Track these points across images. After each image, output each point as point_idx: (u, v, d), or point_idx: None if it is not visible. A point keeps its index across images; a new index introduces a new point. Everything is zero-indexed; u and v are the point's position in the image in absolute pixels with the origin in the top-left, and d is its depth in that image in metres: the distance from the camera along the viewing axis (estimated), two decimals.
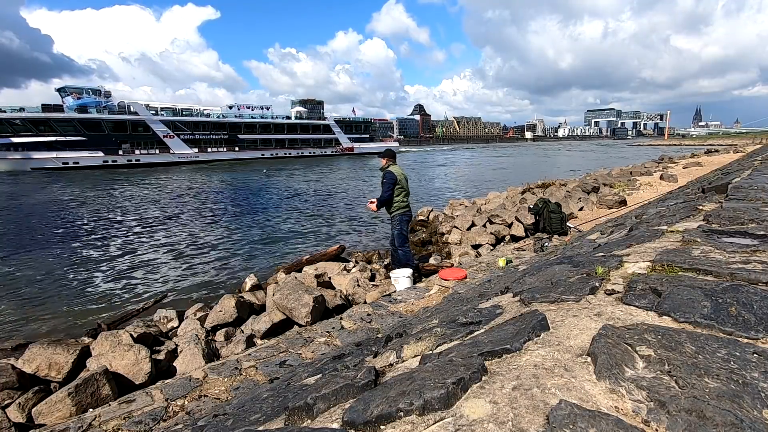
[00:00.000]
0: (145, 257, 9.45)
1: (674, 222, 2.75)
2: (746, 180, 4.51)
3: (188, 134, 53.29)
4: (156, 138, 50.15)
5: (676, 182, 12.35)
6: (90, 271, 8.37)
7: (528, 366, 1.04)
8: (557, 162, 46.86)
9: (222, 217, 14.77)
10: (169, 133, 51.31)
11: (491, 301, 2.01)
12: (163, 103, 55.44)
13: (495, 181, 25.98)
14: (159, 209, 16.85)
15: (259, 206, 17.35)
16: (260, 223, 13.63)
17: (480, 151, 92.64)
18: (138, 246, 10.56)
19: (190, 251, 9.91)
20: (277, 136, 63.45)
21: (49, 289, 7.27)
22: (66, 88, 47.74)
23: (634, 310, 1.34)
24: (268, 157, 59.99)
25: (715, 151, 29.74)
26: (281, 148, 63.50)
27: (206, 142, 55.12)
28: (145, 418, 2.49)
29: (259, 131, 61.44)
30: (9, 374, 3.08)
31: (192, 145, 53.27)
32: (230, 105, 62.40)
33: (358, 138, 74.06)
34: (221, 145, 56.63)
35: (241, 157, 56.99)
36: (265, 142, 61.96)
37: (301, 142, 66.38)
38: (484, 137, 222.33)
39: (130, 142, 47.85)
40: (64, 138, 42.95)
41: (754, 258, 1.69)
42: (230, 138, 57.66)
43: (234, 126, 58.61)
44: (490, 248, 7.46)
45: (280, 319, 4.40)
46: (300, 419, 1.14)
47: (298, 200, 18.97)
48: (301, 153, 65.46)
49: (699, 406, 0.80)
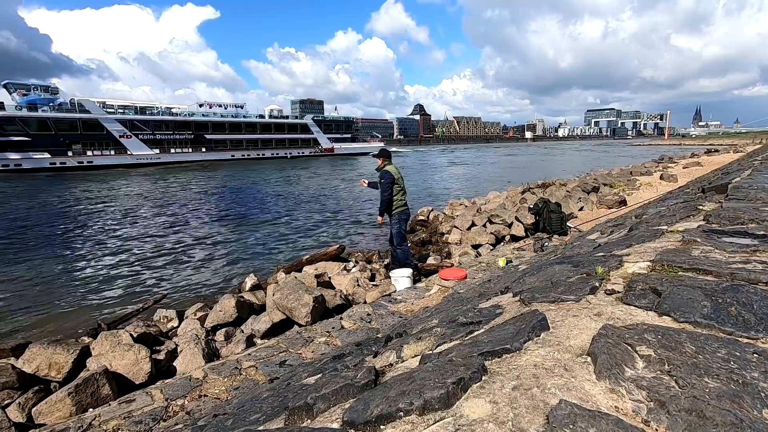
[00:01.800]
0: (145, 257, 9.45)
1: (674, 222, 2.75)
2: (746, 180, 4.51)
3: (148, 134, 49.53)
4: (111, 138, 46.43)
5: (676, 182, 12.35)
6: (90, 272, 8.37)
7: (528, 366, 1.04)
8: (557, 162, 46.86)
9: (222, 218, 14.77)
10: (126, 133, 47.54)
11: (491, 301, 2.01)
12: (121, 101, 52.06)
13: (495, 181, 25.98)
14: (159, 210, 16.85)
15: (258, 207, 17.36)
16: (260, 223, 13.63)
17: (477, 151, 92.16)
18: (138, 246, 10.56)
19: (190, 251, 9.92)
20: (249, 136, 59.65)
21: (49, 290, 7.27)
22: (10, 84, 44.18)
23: (634, 310, 1.34)
24: (239, 158, 56.57)
25: (715, 151, 29.74)
26: (254, 149, 59.66)
27: (169, 142, 51.41)
28: (145, 417, 2.49)
29: (228, 131, 57.61)
30: (9, 374, 3.08)
31: (153, 146, 49.70)
32: (200, 103, 58.75)
33: (339, 138, 69.83)
34: (186, 145, 53.02)
35: (209, 159, 53.49)
36: (235, 143, 58.20)
37: (275, 143, 62.44)
38: (484, 137, 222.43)
39: (82, 143, 44.21)
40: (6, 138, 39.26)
41: (754, 258, 1.69)
42: (196, 138, 54.06)
43: (200, 125, 54.88)
44: (490, 248, 7.46)
45: (280, 318, 4.40)
46: (300, 419, 1.14)
47: (298, 200, 18.97)
48: (276, 154, 61.49)
49: (699, 406, 0.80)
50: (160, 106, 54.40)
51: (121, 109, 50.01)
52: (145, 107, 52.69)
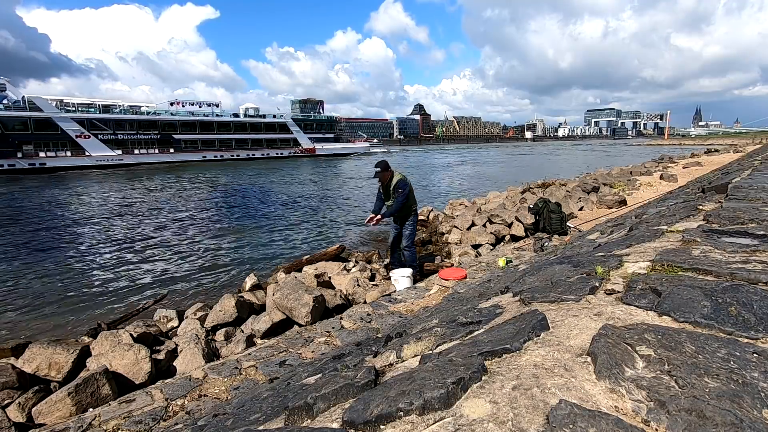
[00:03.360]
0: (145, 258, 9.45)
1: (674, 222, 2.75)
2: (746, 180, 4.50)
3: (109, 134, 46.71)
4: (67, 138, 43.58)
5: (676, 182, 12.35)
6: (90, 272, 8.37)
7: (528, 366, 1.04)
8: (557, 161, 46.85)
9: (222, 218, 14.77)
10: (84, 133, 44.60)
11: (491, 300, 2.01)
12: (81, 99, 48.97)
13: (495, 181, 25.98)
14: (159, 210, 16.85)
15: (258, 207, 17.36)
16: (260, 223, 13.63)
17: (475, 152, 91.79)
18: (138, 247, 10.56)
19: (190, 252, 9.92)
20: (223, 137, 56.80)
21: (49, 289, 7.27)
22: None
23: (634, 309, 1.34)
24: (211, 159, 53.87)
25: (715, 150, 29.73)
26: (227, 150, 56.79)
27: (133, 142, 48.62)
28: (145, 417, 2.49)
29: (199, 131, 54.66)
30: (9, 374, 3.08)
31: (114, 147, 46.99)
32: (171, 101, 55.43)
33: (321, 138, 66.96)
34: (153, 146, 50.19)
35: (178, 160, 50.64)
36: (207, 143, 55.20)
37: (251, 143, 59.54)
38: (484, 137, 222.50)
39: (34, 143, 41.66)
40: None
41: (754, 258, 1.69)
42: (163, 138, 51.17)
43: (168, 124, 51.77)
44: (490, 248, 7.46)
45: (280, 318, 4.40)
46: (300, 419, 1.14)
47: (297, 201, 18.97)
48: (252, 155, 58.59)
49: (699, 405, 0.80)
50: (123, 104, 51.25)
51: (83, 108, 46.83)
52: (109, 105, 49.49)
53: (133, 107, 51.64)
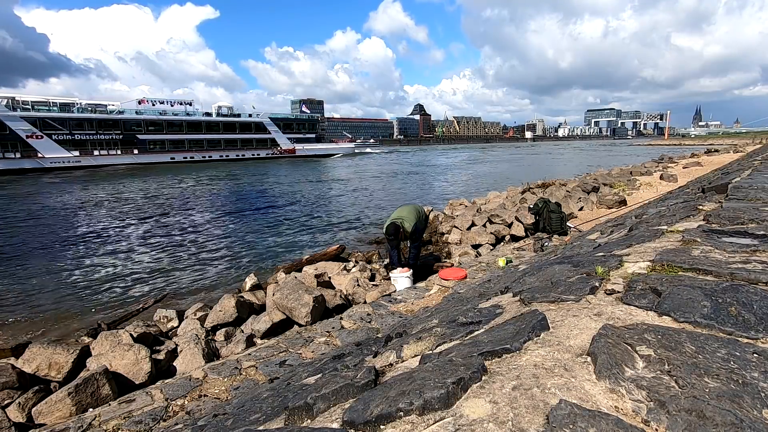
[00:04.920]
0: (145, 258, 9.45)
1: (674, 222, 2.75)
2: (746, 180, 4.50)
3: (65, 134, 43.57)
4: (17, 138, 40.58)
5: (676, 182, 12.35)
6: (90, 272, 8.37)
7: (528, 366, 1.04)
8: (557, 161, 46.87)
9: (222, 218, 14.77)
10: (36, 133, 41.59)
11: (491, 300, 2.01)
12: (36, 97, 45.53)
13: (495, 181, 25.99)
14: (158, 211, 16.85)
15: (257, 207, 17.36)
16: (260, 223, 13.64)
17: (471, 153, 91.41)
18: (138, 247, 10.56)
19: (190, 252, 9.92)
20: (193, 137, 53.55)
21: (49, 290, 7.27)
22: None
23: (634, 310, 1.34)
24: (180, 161, 50.93)
25: (715, 151, 29.73)
26: (199, 151, 53.57)
27: (93, 143, 45.52)
28: (145, 417, 2.49)
29: (167, 130, 51.37)
30: (9, 374, 3.08)
31: (72, 148, 43.83)
32: (140, 100, 51.86)
33: (301, 138, 63.87)
34: (115, 147, 47.15)
35: (142, 162, 47.65)
36: (176, 144, 51.91)
37: (225, 143, 56.46)
38: (484, 137, 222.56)
39: None
40: None
41: (754, 258, 1.69)
42: (126, 138, 48.03)
43: (131, 124, 48.56)
44: (490, 248, 7.46)
45: (280, 318, 4.40)
46: (300, 419, 1.14)
47: (297, 201, 18.97)
48: (226, 156, 55.55)
49: (699, 405, 0.80)
50: (81, 102, 47.71)
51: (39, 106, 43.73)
52: (67, 104, 46.13)
53: (93, 105, 48.30)
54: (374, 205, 16.86)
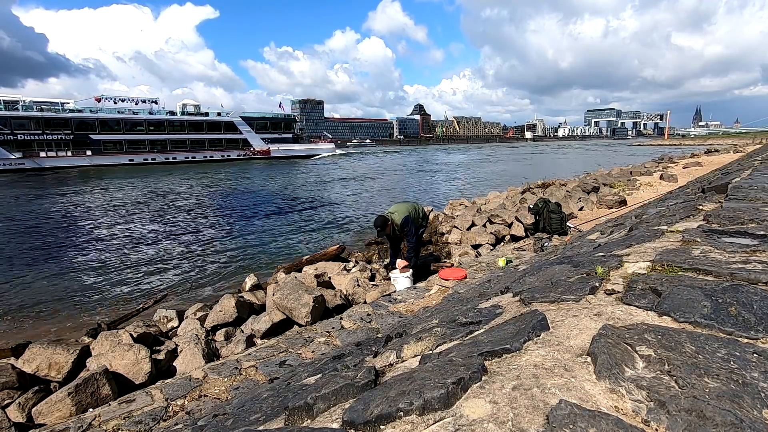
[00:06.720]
0: (145, 258, 9.45)
1: (674, 222, 2.75)
2: (746, 180, 4.50)
3: (6, 134, 40.92)
4: None
5: (676, 182, 12.35)
6: (90, 272, 8.37)
7: (528, 366, 1.04)
8: (557, 162, 46.86)
9: (222, 218, 14.77)
10: None
11: (491, 301, 2.01)
12: None
13: (495, 181, 25.99)
14: (157, 211, 16.85)
15: (257, 207, 17.36)
16: (260, 223, 13.64)
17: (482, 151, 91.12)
18: (138, 247, 10.56)
19: (190, 252, 9.92)
20: (155, 137, 50.29)
21: (49, 290, 7.27)
22: None
23: (634, 310, 1.34)
24: (140, 163, 47.78)
25: (715, 151, 29.73)
26: (161, 152, 50.31)
27: (40, 144, 42.66)
28: (145, 417, 2.49)
29: (125, 130, 48.08)
30: (9, 374, 3.08)
31: (15, 149, 40.98)
32: (98, 97, 48.42)
33: (277, 138, 60.46)
34: (66, 147, 44.27)
35: (96, 164, 44.59)
36: (135, 144, 48.59)
37: (191, 144, 53.07)
38: (484, 137, 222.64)
39: None
40: None
41: (754, 258, 1.69)
42: (78, 139, 44.92)
43: (84, 123, 45.19)
44: (490, 248, 7.46)
45: (280, 318, 4.40)
46: (300, 419, 1.14)
47: (298, 201, 18.97)
48: (192, 157, 52.15)
49: (699, 406, 0.80)
50: (25, 99, 44.57)
51: None
52: (11, 101, 43.22)
53: (40, 103, 44.98)
54: (374, 206, 16.87)
